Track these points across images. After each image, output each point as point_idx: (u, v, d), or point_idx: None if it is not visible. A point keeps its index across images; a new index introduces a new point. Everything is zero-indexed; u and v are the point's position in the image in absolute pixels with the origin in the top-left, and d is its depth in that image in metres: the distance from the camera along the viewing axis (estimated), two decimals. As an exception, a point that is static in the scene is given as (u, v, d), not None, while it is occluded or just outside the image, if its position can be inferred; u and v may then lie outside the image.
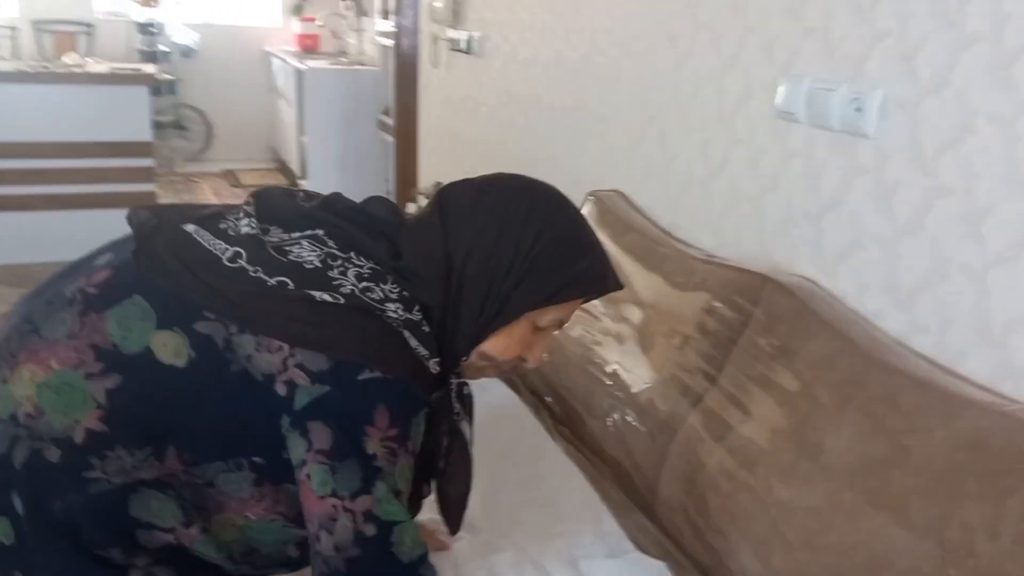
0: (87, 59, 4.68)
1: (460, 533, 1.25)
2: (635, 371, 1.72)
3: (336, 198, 1.04)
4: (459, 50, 3.34)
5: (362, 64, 5.69)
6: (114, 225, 3.90)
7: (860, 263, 1.46)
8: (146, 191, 4.32)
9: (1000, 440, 1.09)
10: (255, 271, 0.91)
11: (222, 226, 0.99)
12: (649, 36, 2.06)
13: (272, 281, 0.90)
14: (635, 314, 1.79)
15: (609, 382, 1.78)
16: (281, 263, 0.92)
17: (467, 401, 1.12)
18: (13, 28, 5.77)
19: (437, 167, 3.73)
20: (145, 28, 6.32)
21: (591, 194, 2.18)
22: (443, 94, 3.69)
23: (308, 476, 0.87)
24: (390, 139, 4.80)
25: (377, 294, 0.92)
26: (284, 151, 6.39)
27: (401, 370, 0.91)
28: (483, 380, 1.15)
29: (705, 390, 1.54)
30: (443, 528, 1.29)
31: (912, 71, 1.33)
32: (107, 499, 0.88)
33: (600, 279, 1.06)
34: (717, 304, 1.59)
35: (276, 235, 0.96)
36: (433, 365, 0.95)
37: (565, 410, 1.93)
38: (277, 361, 0.88)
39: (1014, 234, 1.20)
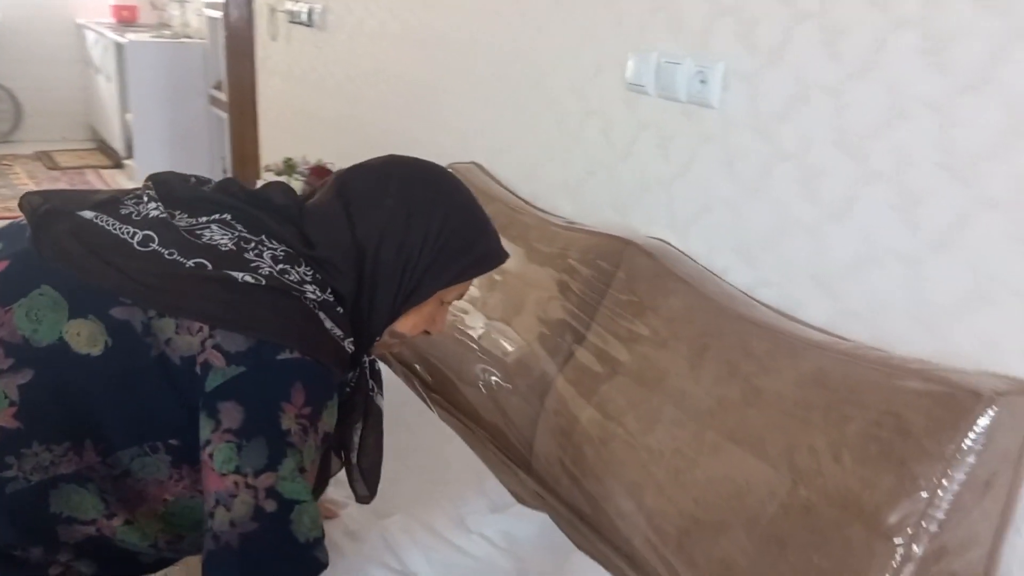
0: None
1: (346, 501, 1.27)
2: (504, 336, 1.79)
3: (231, 183, 1.03)
4: (299, 23, 3.27)
5: (188, 37, 5.41)
6: None
7: (709, 224, 1.58)
8: (-47, 175, 3.96)
9: (838, 376, 1.23)
10: (170, 253, 0.90)
11: (124, 211, 0.96)
12: (505, 11, 2.11)
13: (190, 263, 0.89)
14: (501, 282, 1.86)
15: (479, 349, 1.83)
16: (196, 245, 0.91)
17: (378, 376, 1.15)
18: None
19: (280, 142, 3.63)
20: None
21: (449, 166, 2.21)
22: (284, 67, 3.60)
23: (211, 456, 0.85)
24: (223, 115, 4.61)
25: (294, 276, 0.93)
26: (104, 129, 5.99)
27: (319, 352, 0.91)
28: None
29: (573, 349, 1.63)
30: (331, 497, 1.31)
31: (751, 45, 1.46)
32: (25, 497, 0.85)
33: (498, 254, 1.13)
34: (580, 268, 1.68)
35: (184, 219, 0.95)
36: (348, 345, 0.97)
37: (437, 378, 1.97)
38: (196, 343, 0.87)
39: (843, 192, 1.34)
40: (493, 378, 1.77)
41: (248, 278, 0.89)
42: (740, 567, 1.21)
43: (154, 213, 0.95)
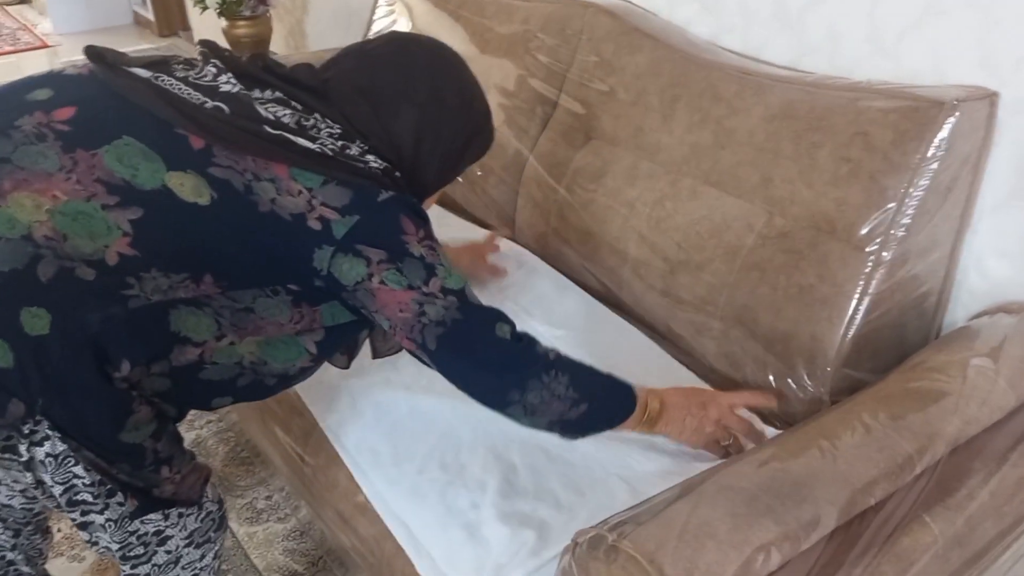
0: None
1: None
2: (472, 119, 1.79)
3: (260, 58, 1.05)
4: None
5: None
6: None
7: (668, -25, 1.57)
8: None
9: (805, 107, 1.27)
10: (254, 124, 0.94)
11: (181, 75, 0.97)
12: None
13: (275, 133, 0.94)
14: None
15: (448, 135, 1.84)
16: (270, 119, 0.95)
17: None
18: None
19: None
20: None
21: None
22: None
23: (383, 281, 0.95)
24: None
25: (355, 151, 0.98)
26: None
27: (399, 188, 0.99)
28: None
29: (544, 121, 1.65)
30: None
31: None
32: (146, 314, 0.89)
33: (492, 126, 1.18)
34: (544, 38, 1.67)
35: (252, 93, 0.98)
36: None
37: (408, 171, 1.99)
38: (302, 202, 0.92)
39: (802, -77, 1.33)
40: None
41: (327, 150, 0.95)
42: (723, 296, 1.30)
43: (226, 87, 0.97)
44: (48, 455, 0.91)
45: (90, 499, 0.96)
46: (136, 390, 0.93)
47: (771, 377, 1.24)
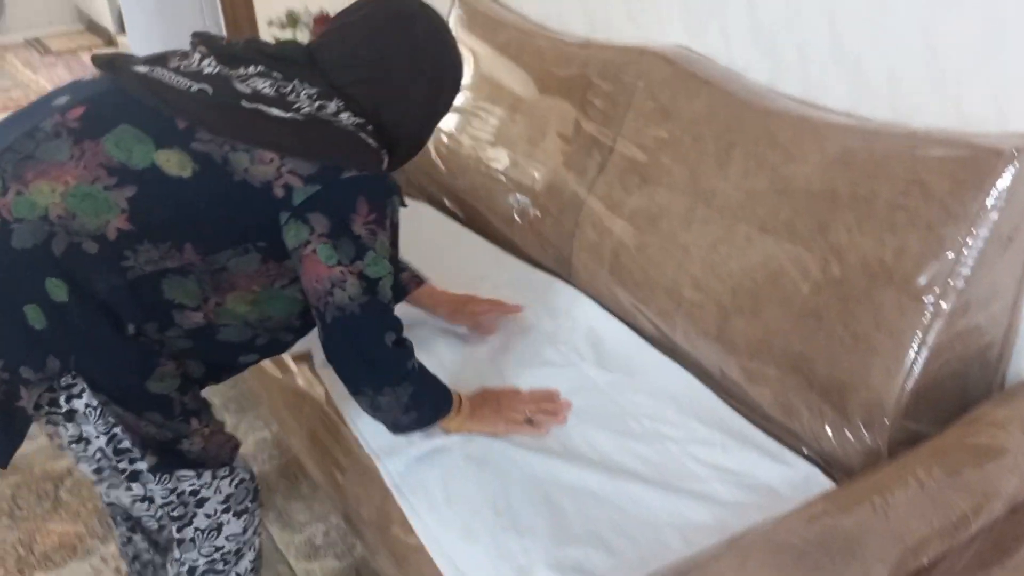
0: None
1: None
2: (530, 165, 1.82)
3: (253, 41, 1.18)
4: None
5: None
6: None
7: (725, 22, 1.58)
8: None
9: (863, 154, 1.26)
10: (231, 100, 1.07)
11: (173, 65, 1.11)
12: None
13: (247, 106, 1.06)
14: (522, 109, 1.88)
15: (507, 180, 1.88)
16: (247, 93, 1.08)
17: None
18: None
19: (276, -1, 3.55)
20: None
21: (455, -3, 2.18)
22: (268, -82, 3.46)
23: (315, 251, 1.07)
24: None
25: (331, 108, 1.10)
26: (92, 9, 5.84)
27: (371, 166, 1.11)
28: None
29: (602, 165, 1.67)
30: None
31: None
32: (143, 282, 1.04)
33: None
34: (601, 83, 1.69)
35: (229, 71, 1.11)
36: (384, 155, 1.14)
37: (469, 213, 2.03)
38: (272, 170, 1.05)
39: (859, -29, 1.33)
40: (525, 207, 1.82)
41: (297, 116, 1.07)
42: (778, 343, 1.30)
43: (208, 68, 1.11)
44: (87, 406, 1.06)
45: (129, 446, 1.09)
46: (160, 346, 1.09)
47: (828, 428, 1.23)
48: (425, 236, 1.96)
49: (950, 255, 1.13)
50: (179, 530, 1.18)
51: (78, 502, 1.90)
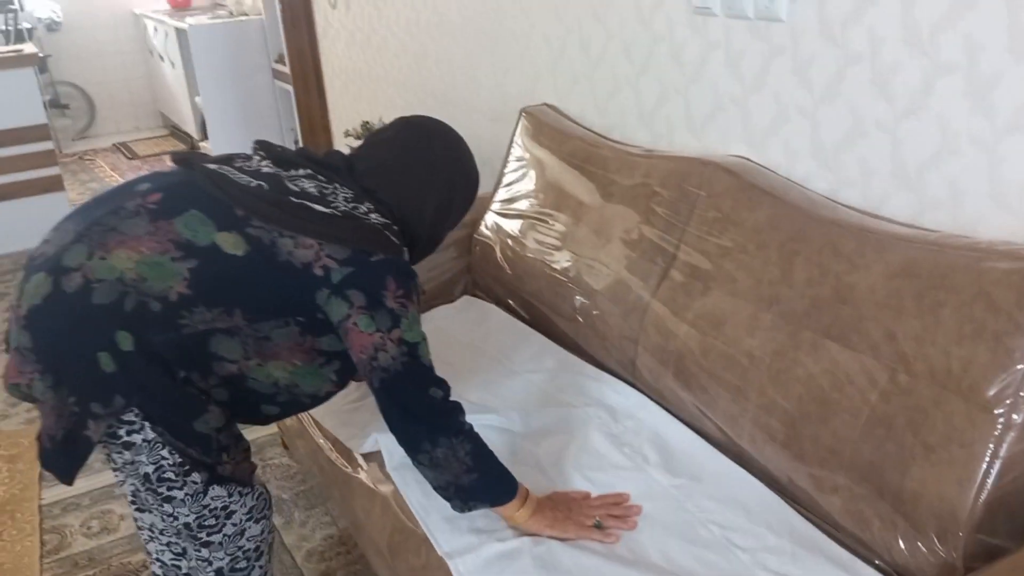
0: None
1: None
2: (595, 268, 1.88)
3: (304, 150, 1.43)
4: (356, -13, 3.35)
5: (244, 15, 5.55)
6: (25, 214, 4.03)
7: (786, 135, 1.63)
8: (51, 175, 4.19)
9: (927, 265, 1.29)
10: (281, 196, 1.27)
11: (237, 165, 1.33)
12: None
13: (295, 201, 1.27)
14: (587, 215, 1.94)
15: (571, 282, 1.93)
16: (295, 191, 1.29)
17: None
18: None
19: (350, 107, 3.75)
20: (2, 6, 5.98)
21: (523, 110, 2.29)
22: (346, 34, 3.69)
23: (355, 324, 1.24)
24: (288, 87, 4.75)
25: (363, 209, 1.31)
26: (176, 115, 6.22)
27: (396, 252, 1.30)
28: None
29: (665, 271, 1.72)
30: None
31: (812, -45, 1.49)
32: (194, 338, 1.23)
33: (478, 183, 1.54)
34: (663, 192, 1.76)
35: (283, 173, 1.32)
36: (405, 251, 1.34)
37: (534, 314, 2.08)
38: (311, 254, 1.23)
39: (917, 88, 1.38)
40: (589, 308, 1.87)
41: (337, 212, 1.28)
42: (847, 452, 1.30)
43: (266, 169, 1.33)
44: (144, 440, 1.25)
45: (172, 476, 1.28)
46: (207, 395, 1.28)
47: (901, 539, 1.22)
48: (492, 336, 2.02)
49: (1020, 368, 1.13)
50: (208, 535, 1.36)
51: (151, 595, 1.94)
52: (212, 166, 1.31)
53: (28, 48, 4.31)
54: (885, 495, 1.24)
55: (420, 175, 1.41)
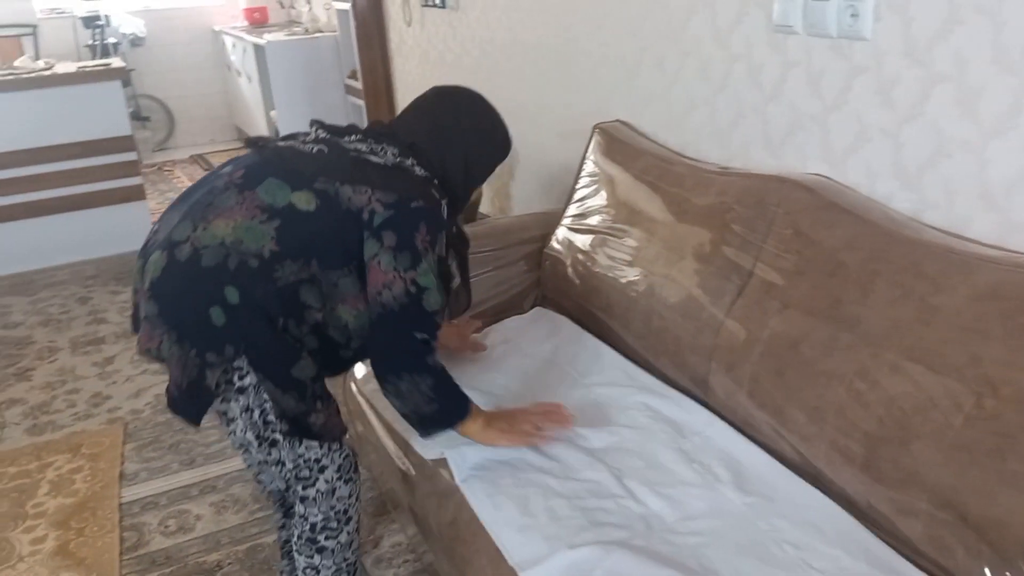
0: (40, 62, 4.66)
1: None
2: (668, 285, 1.87)
3: (352, 125, 1.60)
4: (432, 5, 3.42)
5: (319, 31, 5.69)
6: (109, 222, 4.19)
7: (868, 154, 1.62)
8: (133, 184, 4.36)
9: (1015, 287, 1.26)
10: (339, 155, 1.49)
11: (299, 139, 1.55)
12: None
13: (352, 156, 1.49)
14: (659, 231, 1.95)
15: (643, 298, 1.93)
16: (351, 150, 1.50)
17: (461, 231, 1.70)
18: (-40, 39, 5.68)
19: (421, 123, 3.80)
20: (90, 22, 6.25)
21: (596, 127, 2.31)
22: (419, 52, 3.76)
23: (378, 262, 1.42)
24: (360, 102, 4.85)
25: (408, 163, 1.51)
26: (250, 128, 6.39)
27: (433, 202, 1.48)
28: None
29: (740, 288, 1.71)
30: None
31: (898, -26, 1.48)
32: (287, 289, 1.42)
33: (508, 141, 1.70)
34: (740, 209, 1.75)
35: (341, 139, 1.54)
36: (444, 207, 1.52)
37: (602, 329, 2.09)
38: (364, 199, 1.43)
39: (1005, 109, 1.36)
40: (660, 325, 1.87)
41: (387, 162, 1.49)
42: (929, 477, 1.27)
43: (323, 136, 1.55)
44: (251, 385, 1.44)
45: (274, 420, 1.46)
46: (300, 344, 1.45)
47: (987, 568, 1.19)
48: (562, 348, 2.03)
49: (1115, 394, 1.10)
50: (304, 489, 1.54)
51: (224, 594, 1.99)
52: (280, 143, 1.55)
53: (116, 62, 4.49)
54: (969, 522, 1.22)
55: (445, 134, 1.58)
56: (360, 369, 2.04)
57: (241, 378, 1.43)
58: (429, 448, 1.66)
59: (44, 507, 2.35)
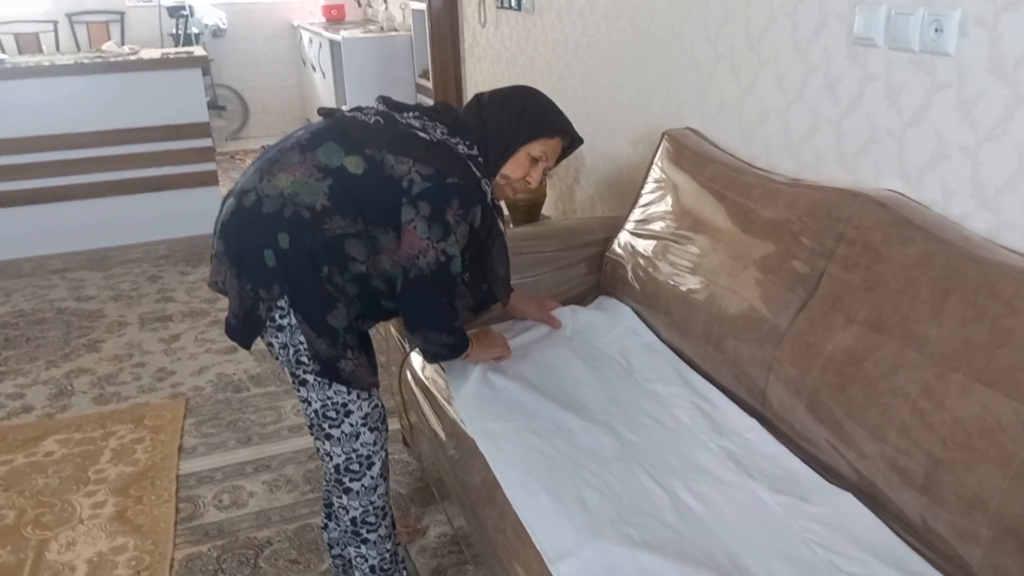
0: (125, 47, 4.82)
1: None
2: (730, 295, 1.86)
3: (420, 104, 1.73)
4: (508, 7, 3.44)
5: (394, 30, 5.78)
6: (182, 205, 4.33)
7: (945, 172, 1.59)
8: (207, 170, 4.48)
9: (1095, 314, 1.22)
10: (391, 127, 1.62)
11: (364, 111, 1.68)
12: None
13: (401, 130, 1.62)
14: (724, 240, 1.93)
15: (704, 306, 1.92)
16: (402, 123, 1.64)
17: (499, 209, 1.80)
18: (54, 22, 5.91)
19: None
20: (175, 11, 6.44)
21: (666, 133, 2.30)
22: (492, 53, 3.80)
23: (415, 227, 1.56)
24: (429, 101, 4.91)
25: (453, 141, 1.66)
26: (321, 122, 6.51)
27: (470, 179, 1.63)
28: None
29: (805, 301, 1.69)
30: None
31: (989, -10, 1.45)
32: (334, 240, 1.55)
33: (560, 123, 1.79)
34: (809, 222, 1.73)
35: (398, 115, 1.67)
36: (485, 184, 1.67)
37: (660, 335, 2.08)
38: (406, 169, 1.57)
39: (1095, 131, 1.32)
40: (720, 333, 1.85)
41: (432, 138, 1.63)
42: (993, 503, 1.24)
43: (382, 109, 1.69)
44: (288, 324, 1.57)
45: (306, 360, 1.60)
46: (340, 294, 1.58)
47: (1047, 598, 1.16)
48: (618, 342, 2.06)
49: None
50: (330, 427, 1.67)
51: (274, 571, 2.03)
52: (345, 113, 1.70)
53: (197, 51, 4.63)
54: (1033, 551, 1.18)
55: (493, 124, 1.72)
56: (416, 360, 2.07)
57: (282, 317, 1.58)
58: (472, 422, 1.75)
59: (106, 474, 2.43)
